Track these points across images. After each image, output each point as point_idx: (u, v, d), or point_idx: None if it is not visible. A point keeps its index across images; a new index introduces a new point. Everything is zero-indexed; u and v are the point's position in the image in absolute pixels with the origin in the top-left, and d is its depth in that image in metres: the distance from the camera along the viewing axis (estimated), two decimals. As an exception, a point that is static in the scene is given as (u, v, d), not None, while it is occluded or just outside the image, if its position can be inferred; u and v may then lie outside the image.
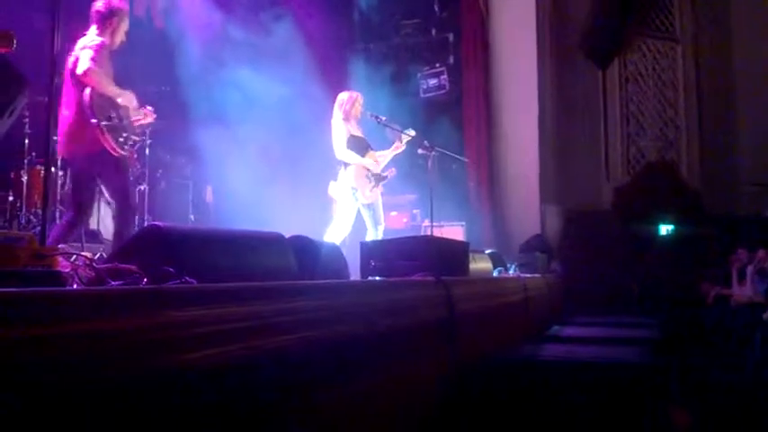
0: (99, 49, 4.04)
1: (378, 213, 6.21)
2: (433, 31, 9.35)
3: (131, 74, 5.95)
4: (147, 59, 6.32)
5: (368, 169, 5.97)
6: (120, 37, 4.31)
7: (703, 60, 8.49)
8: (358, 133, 6.03)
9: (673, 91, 8.58)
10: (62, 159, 4.87)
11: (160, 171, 7.06)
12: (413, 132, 6.30)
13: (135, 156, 6.48)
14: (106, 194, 4.71)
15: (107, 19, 4.06)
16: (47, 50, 3.91)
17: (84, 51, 4.06)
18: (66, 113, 4.08)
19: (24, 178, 5.35)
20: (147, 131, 6.60)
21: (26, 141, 5.38)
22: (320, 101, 6.44)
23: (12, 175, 5.39)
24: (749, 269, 6.18)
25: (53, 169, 4.87)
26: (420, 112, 8.76)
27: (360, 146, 5.99)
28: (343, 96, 6.03)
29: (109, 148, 4.06)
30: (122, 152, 4.20)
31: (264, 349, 1.44)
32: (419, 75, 9.10)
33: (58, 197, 5.29)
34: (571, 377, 2.72)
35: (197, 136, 6.94)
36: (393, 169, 6.34)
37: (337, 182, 5.97)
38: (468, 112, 8.56)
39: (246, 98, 6.62)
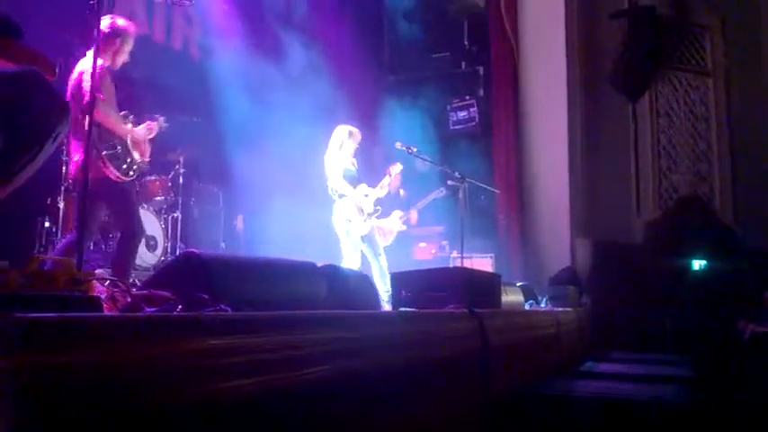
0: (101, 74, 3.91)
1: (375, 245, 6.27)
2: (463, 65, 9.41)
3: (167, 103, 6.09)
4: (182, 90, 6.45)
5: (359, 203, 6.11)
6: (122, 58, 4.25)
7: (735, 94, 8.38)
8: (352, 168, 6.21)
9: (705, 124, 8.47)
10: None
11: (193, 199, 7.14)
12: (400, 167, 6.64)
13: (169, 184, 6.60)
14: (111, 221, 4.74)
15: (110, 39, 3.98)
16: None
17: (86, 77, 3.98)
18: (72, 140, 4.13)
19: (60, 205, 5.43)
20: (182, 160, 6.71)
21: (63, 168, 5.46)
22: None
23: (48, 201, 5.48)
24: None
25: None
26: (450, 143, 8.80)
27: (353, 180, 6.16)
28: (342, 129, 6.22)
29: (112, 177, 4.10)
30: (126, 178, 4.23)
31: (295, 380, 1.42)
32: (449, 107, 9.14)
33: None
34: (607, 415, 2.65)
35: (230, 165, 7.04)
36: (414, 211, 6.62)
37: (333, 215, 6.09)
38: (498, 143, 8.53)
39: (278, 129, 6.71)
